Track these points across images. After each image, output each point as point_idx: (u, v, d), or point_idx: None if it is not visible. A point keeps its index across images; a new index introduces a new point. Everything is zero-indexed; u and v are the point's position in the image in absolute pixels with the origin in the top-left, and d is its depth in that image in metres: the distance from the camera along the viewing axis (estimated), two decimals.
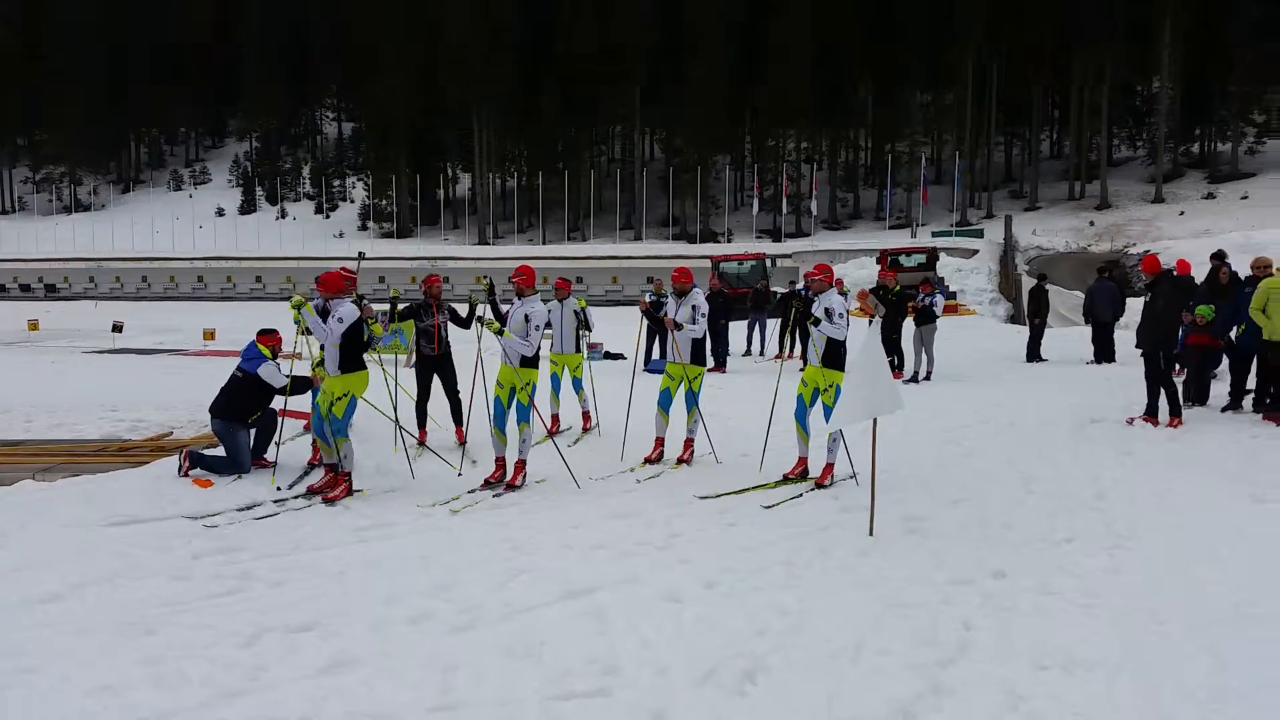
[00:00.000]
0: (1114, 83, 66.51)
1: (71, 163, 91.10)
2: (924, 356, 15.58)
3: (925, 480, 8.36)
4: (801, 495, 7.98)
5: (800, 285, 17.73)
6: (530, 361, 8.57)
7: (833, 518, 7.20)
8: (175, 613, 5.06)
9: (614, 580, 5.61)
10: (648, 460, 9.33)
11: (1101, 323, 17.22)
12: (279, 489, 8.12)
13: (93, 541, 6.30)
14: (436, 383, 10.12)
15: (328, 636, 4.75)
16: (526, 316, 8.48)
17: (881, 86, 73.38)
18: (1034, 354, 18.20)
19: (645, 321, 17.83)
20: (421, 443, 9.92)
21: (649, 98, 72.16)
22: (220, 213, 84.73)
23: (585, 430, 10.95)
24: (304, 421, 10.76)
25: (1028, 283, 36.86)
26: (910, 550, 6.32)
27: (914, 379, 15.43)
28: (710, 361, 17.85)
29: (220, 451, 8.49)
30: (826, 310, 8.44)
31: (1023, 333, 24.39)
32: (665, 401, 9.46)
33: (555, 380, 10.94)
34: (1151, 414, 10.43)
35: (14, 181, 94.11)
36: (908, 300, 16.26)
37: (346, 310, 7.96)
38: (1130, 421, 10.45)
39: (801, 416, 8.69)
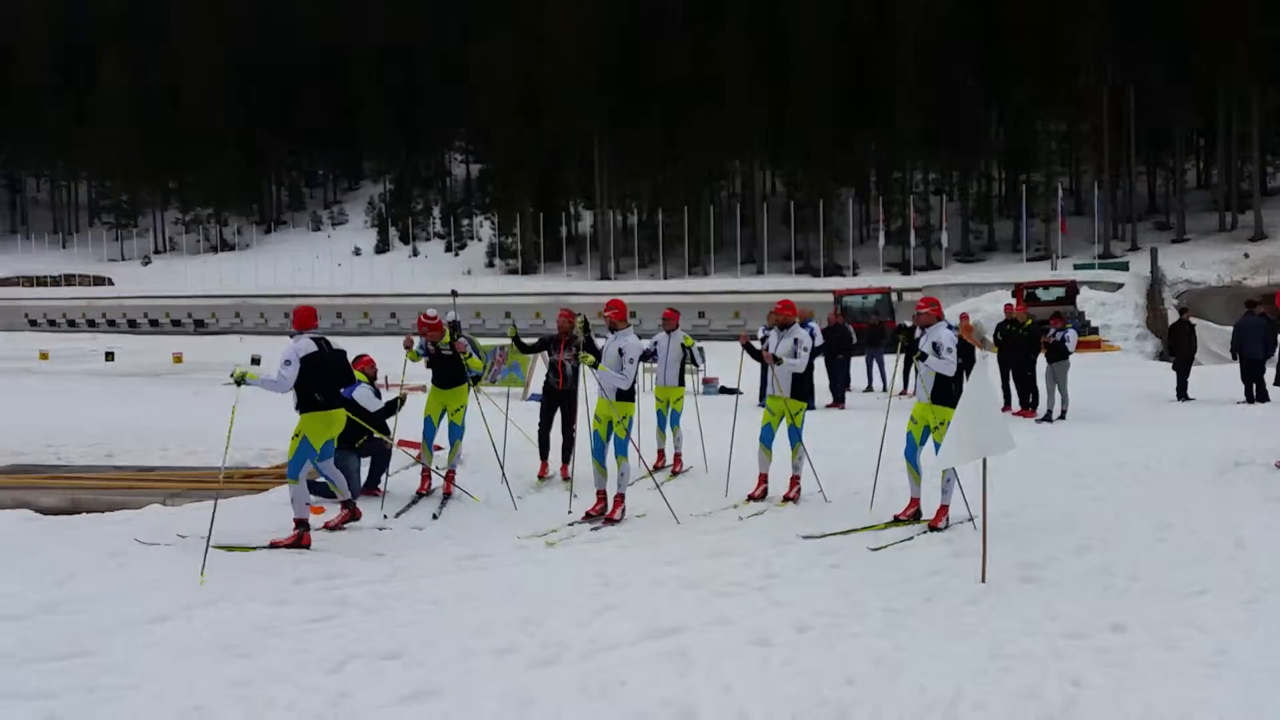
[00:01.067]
0: (1264, 108, 62.62)
1: (218, 205, 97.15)
2: (1058, 395, 14.82)
3: (1049, 526, 7.88)
4: (913, 538, 7.65)
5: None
6: (626, 395, 8.55)
7: (944, 563, 6.86)
8: (270, 636, 5.18)
9: (702, 621, 5.46)
10: (751, 498, 9.14)
11: (1251, 360, 16.05)
12: (385, 517, 8.30)
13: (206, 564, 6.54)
14: None
15: (412, 666, 4.77)
16: (620, 350, 8.48)
17: (1012, 114, 71.26)
18: (1182, 393, 17.09)
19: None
20: (542, 476, 9.98)
21: (768, 131, 72.12)
22: (357, 252, 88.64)
23: (675, 472, 10.61)
24: (416, 452, 11.04)
25: (1173, 318, 34.90)
26: (1024, 600, 5.94)
27: (1048, 418, 14.68)
28: (829, 397, 17.54)
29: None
30: (934, 345, 8.08)
31: (1161, 370, 23.11)
32: (767, 438, 9.28)
33: (660, 416, 10.84)
34: None
35: (165, 223, 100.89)
36: (1039, 335, 15.54)
37: (290, 350, 7.43)
38: (1279, 464, 9.64)
39: (912, 455, 8.37)
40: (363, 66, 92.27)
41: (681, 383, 10.92)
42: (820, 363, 17.72)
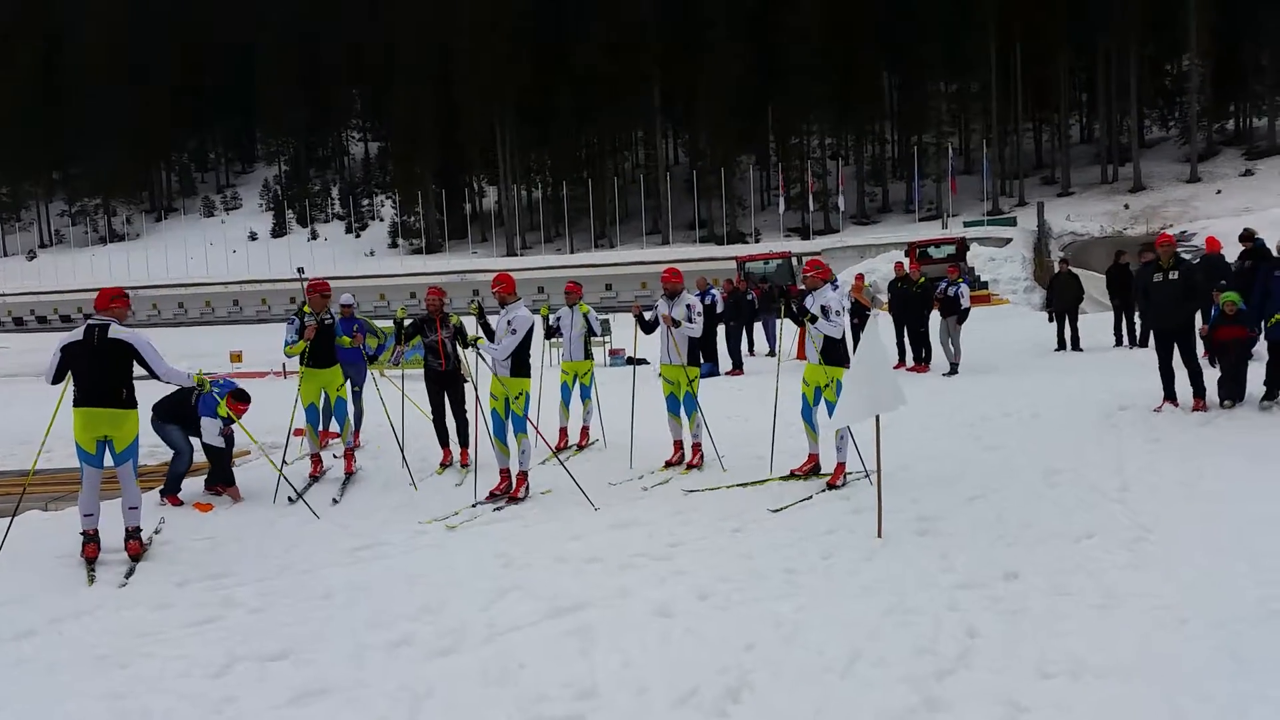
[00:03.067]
0: (1142, 60, 65.15)
1: (105, 194, 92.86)
2: (951, 349, 15.11)
3: (942, 477, 8.04)
4: (812, 497, 7.73)
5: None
6: (520, 370, 8.39)
7: (840, 520, 6.94)
8: (149, 643, 4.93)
9: (605, 595, 5.40)
10: (668, 464, 9.16)
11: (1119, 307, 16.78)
12: (289, 500, 8.06)
13: (80, 574, 6.20)
14: None
15: (301, 665, 4.59)
16: (509, 322, 8.28)
17: (903, 77, 72.71)
18: (1062, 342, 17.64)
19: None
20: (444, 464, 9.75)
21: (668, 100, 72.13)
22: (253, 237, 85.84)
23: (581, 446, 10.50)
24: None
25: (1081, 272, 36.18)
26: (919, 552, 6.04)
27: (954, 371, 14.95)
28: (728, 364, 17.65)
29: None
30: (823, 308, 8.27)
31: (1042, 321, 23.91)
32: (673, 406, 9.28)
33: (565, 390, 10.72)
34: (1170, 398, 10.04)
35: (51, 215, 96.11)
36: (933, 293, 15.86)
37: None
38: (1158, 409, 10.04)
39: (808, 414, 8.56)
40: (263, 36, 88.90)
41: (588, 355, 10.81)
42: (720, 330, 17.86)
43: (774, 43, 68.96)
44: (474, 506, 7.91)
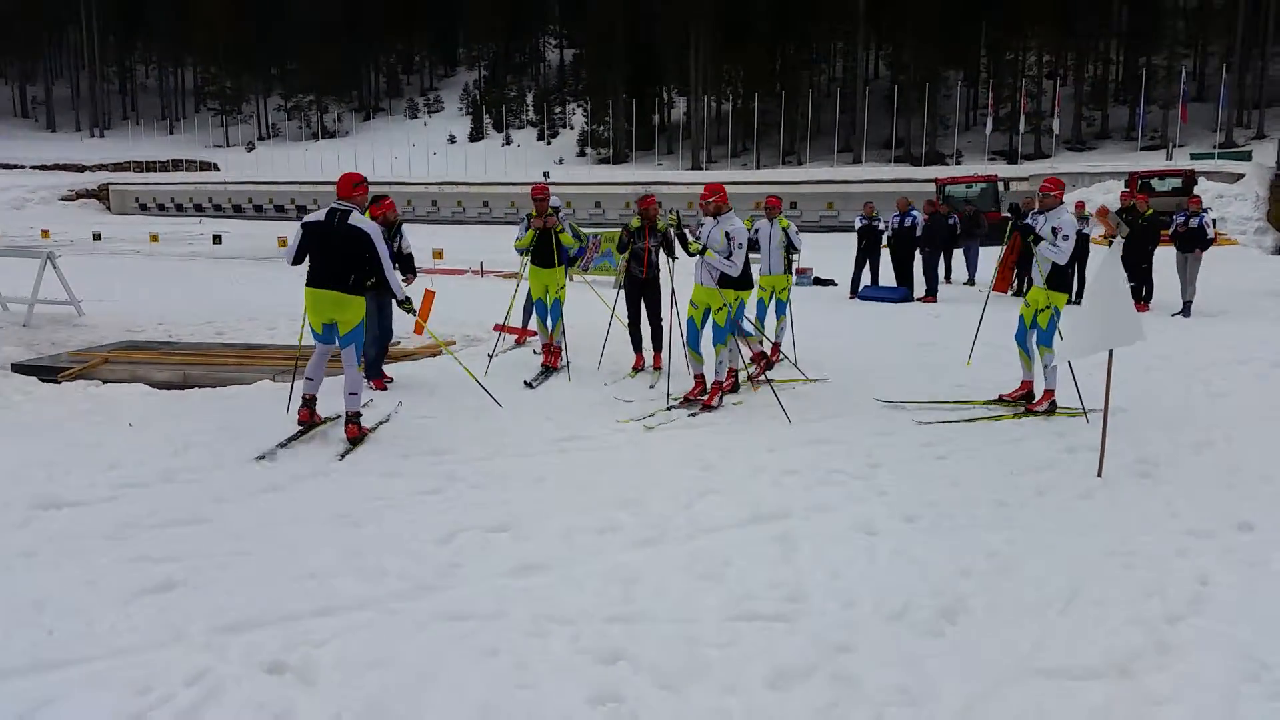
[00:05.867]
0: None
1: (319, 91, 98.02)
2: (1187, 288, 13.92)
3: (1167, 421, 7.54)
4: (1021, 422, 7.50)
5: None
6: (733, 282, 8.36)
7: (1056, 457, 6.64)
8: (382, 507, 5.31)
9: (805, 508, 5.40)
10: (687, 398, 8.41)
11: None
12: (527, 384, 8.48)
13: (314, 438, 6.73)
14: None
15: (519, 540, 4.85)
16: (728, 234, 8.19)
17: None
18: None
19: (857, 246, 17.31)
20: (637, 368, 9.96)
21: (874, 8, 68.79)
22: (452, 140, 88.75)
23: (774, 361, 10.25)
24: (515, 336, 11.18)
25: None
26: (1142, 495, 5.71)
27: (1185, 312, 13.84)
28: (921, 289, 17.02)
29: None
30: (1054, 229, 7.89)
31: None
32: (694, 339, 8.46)
33: (761, 305, 10.64)
34: None
35: (269, 110, 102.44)
36: (1160, 225, 14.67)
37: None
38: None
39: (1022, 338, 8.24)
40: None
41: (788, 270, 10.68)
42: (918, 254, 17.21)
43: None
44: (669, 410, 8.03)
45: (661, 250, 9.32)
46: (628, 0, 74.35)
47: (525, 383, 9.09)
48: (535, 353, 10.59)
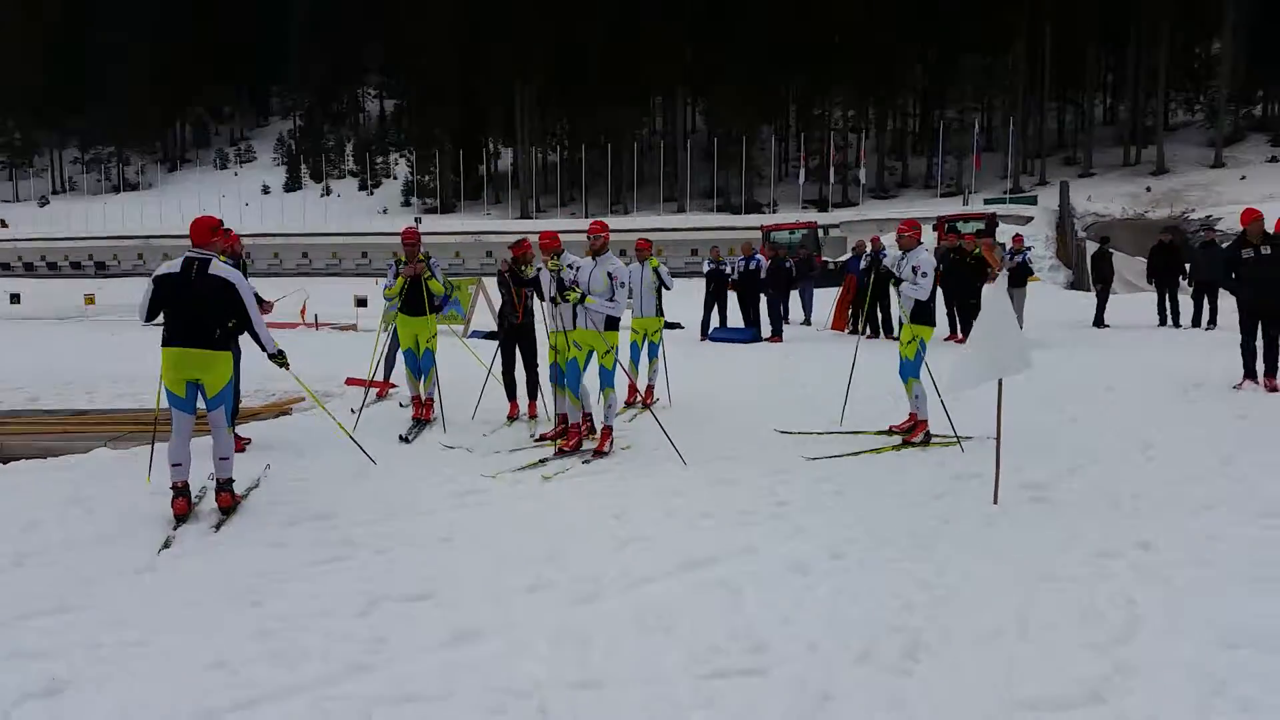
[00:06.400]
0: (1172, 42, 64.33)
1: (119, 143, 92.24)
2: (1018, 319, 14.91)
3: (1035, 447, 7.87)
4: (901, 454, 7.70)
5: (869, 250, 17.21)
6: (613, 324, 8.25)
7: (946, 485, 6.82)
8: (278, 581, 4.81)
9: (732, 550, 5.27)
10: (549, 436, 8.64)
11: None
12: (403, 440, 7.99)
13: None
14: None
15: (445, 607, 4.47)
16: (610, 275, 8.09)
17: (930, 52, 71.70)
18: (1100, 320, 17.59)
19: (706, 289, 17.61)
20: (512, 417, 9.64)
21: (690, 69, 71.27)
22: (266, 190, 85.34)
23: (646, 405, 10.16)
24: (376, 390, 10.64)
25: (1091, 248, 35.91)
26: (1041, 520, 5.90)
27: None
28: (767, 330, 17.48)
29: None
30: (914, 268, 8.39)
31: (1086, 299, 23.78)
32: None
33: (634, 348, 10.58)
34: (1250, 376, 9.90)
35: (64, 162, 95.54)
36: (985, 264, 15.66)
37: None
38: (1239, 386, 9.88)
39: (905, 374, 8.46)
40: None
41: (660, 313, 10.66)
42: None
43: (800, 13, 67.86)
44: (561, 459, 7.78)
45: (535, 295, 9.14)
46: (451, 55, 73.88)
47: (400, 437, 8.63)
48: (402, 405, 10.10)
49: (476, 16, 73.08)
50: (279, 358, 6.61)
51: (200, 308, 6.05)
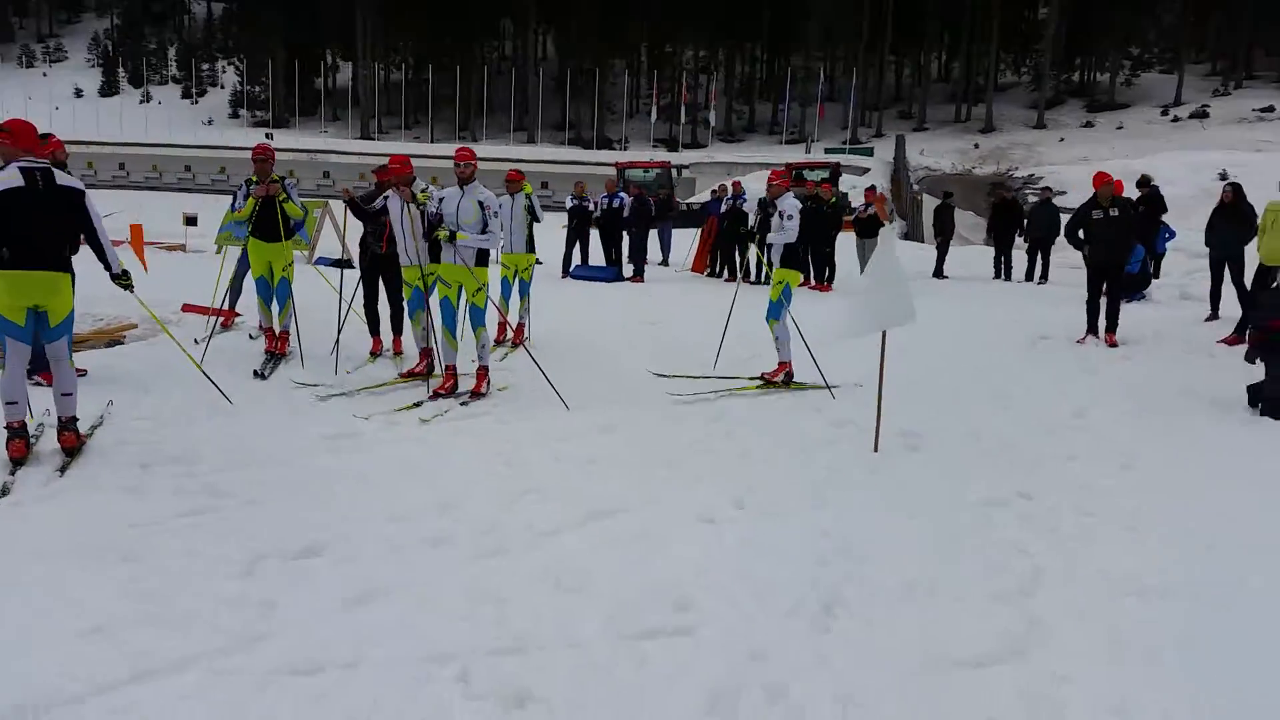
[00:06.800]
0: (1004, 7, 67.47)
1: None
2: (865, 269, 15.33)
3: (898, 395, 7.98)
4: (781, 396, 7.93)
5: (730, 193, 17.26)
6: (483, 259, 7.87)
7: (826, 432, 6.90)
8: (148, 536, 4.34)
9: (634, 501, 5.14)
10: (412, 372, 8.21)
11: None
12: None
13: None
14: None
15: (340, 563, 4.15)
16: (481, 204, 7.67)
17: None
18: (939, 271, 18.34)
19: (568, 225, 17.26)
20: (375, 353, 9.11)
21: None
22: (79, 94, 77.96)
23: (517, 344, 9.83)
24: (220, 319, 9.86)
25: (930, 202, 37.49)
26: (921, 468, 6.05)
27: None
28: (629, 270, 17.36)
29: None
30: (781, 213, 8.57)
31: (923, 249, 24.80)
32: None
33: (505, 284, 10.22)
34: (1093, 331, 10.51)
35: None
36: (842, 213, 16.01)
37: None
38: (1081, 340, 10.48)
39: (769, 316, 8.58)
40: None
41: (531, 249, 10.30)
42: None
43: None
44: (434, 400, 7.42)
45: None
46: None
47: (255, 372, 8.01)
48: (252, 337, 9.41)
49: None
50: (123, 278, 5.98)
51: (49, 224, 5.35)
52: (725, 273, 17.53)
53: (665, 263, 20.15)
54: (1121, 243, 10.17)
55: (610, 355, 9.73)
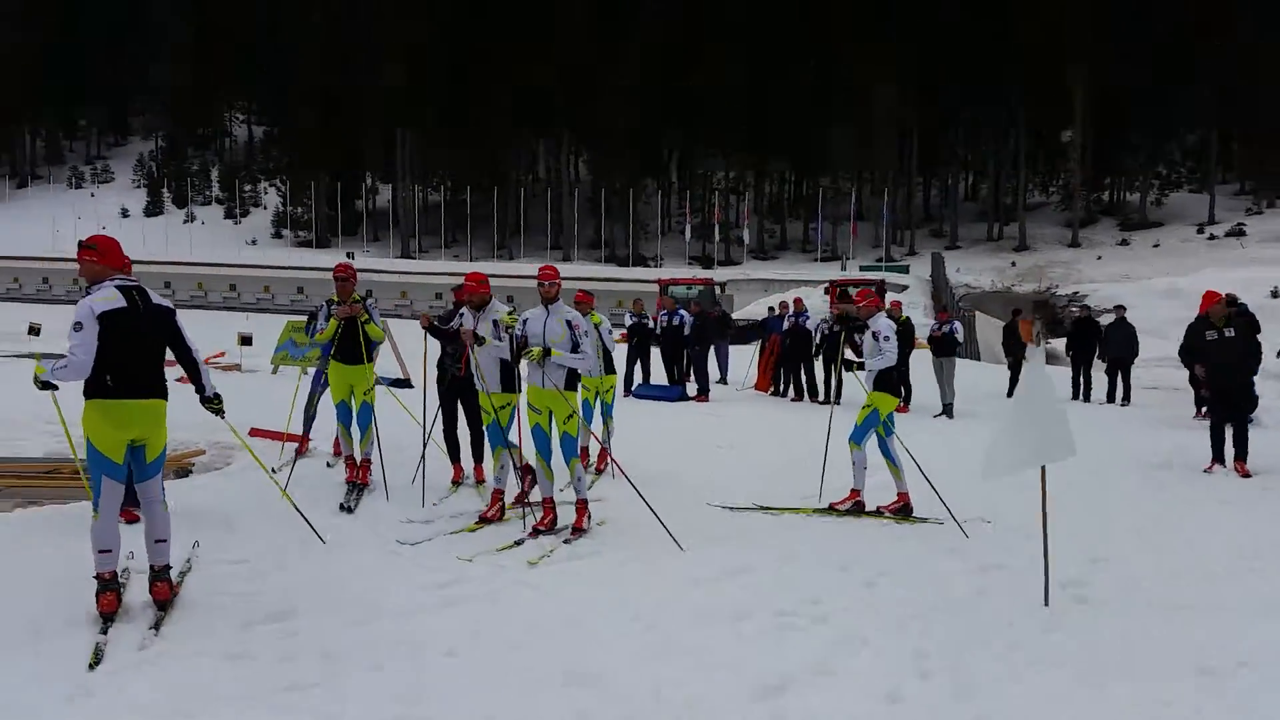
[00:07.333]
0: (1029, 129, 68.54)
1: None
2: (946, 390, 14.79)
3: (1026, 534, 7.37)
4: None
5: (791, 309, 16.89)
6: (573, 383, 7.39)
7: (972, 580, 6.20)
8: (246, 712, 3.72)
9: (798, 669, 4.45)
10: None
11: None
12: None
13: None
14: None
15: None
16: (569, 323, 7.23)
17: (805, 120, 73.87)
18: (1013, 391, 17.69)
19: (629, 344, 16.88)
20: (456, 481, 8.58)
21: (574, 121, 71.27)
22: (125, 214, 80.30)
23: (599, 470, 9.40)
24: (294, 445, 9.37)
25: (980, 320, 37.16)
26: (1095, 626, 5.30)
27: (947, 413, 14.59)
28: (693, 389, 16.88)
29: None
30: (875, 333, 8.23)
31: (984, 368, 24.25)
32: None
33: (586, 407, 9.71)
34: (1219, 459, 9.81)
35: None
36: (913, 333, 15.54)
37: (83, 308, 4.80)
38: (1209, 469, 9.76)
39: (886, 449, 8.16)
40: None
41: (611, 369, 9.85)
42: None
43: (680, 78, 68.77)
44: (539, 539, 6.81)
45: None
46: (326, 83, 71.60)
47: (341, 505, 7.47)
48: (330, 465, 8.93)
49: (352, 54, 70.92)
50: (215, 402, 5.51)
51: (148, 347, 4.95)
52: (791, 392, 17.02)
53: (724, 380, 19.64)
54: (1241, 364, 9.57)
55: (698, 484, 9.08)
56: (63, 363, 4.72)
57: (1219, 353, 9.50)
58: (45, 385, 4.84)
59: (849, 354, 9.44)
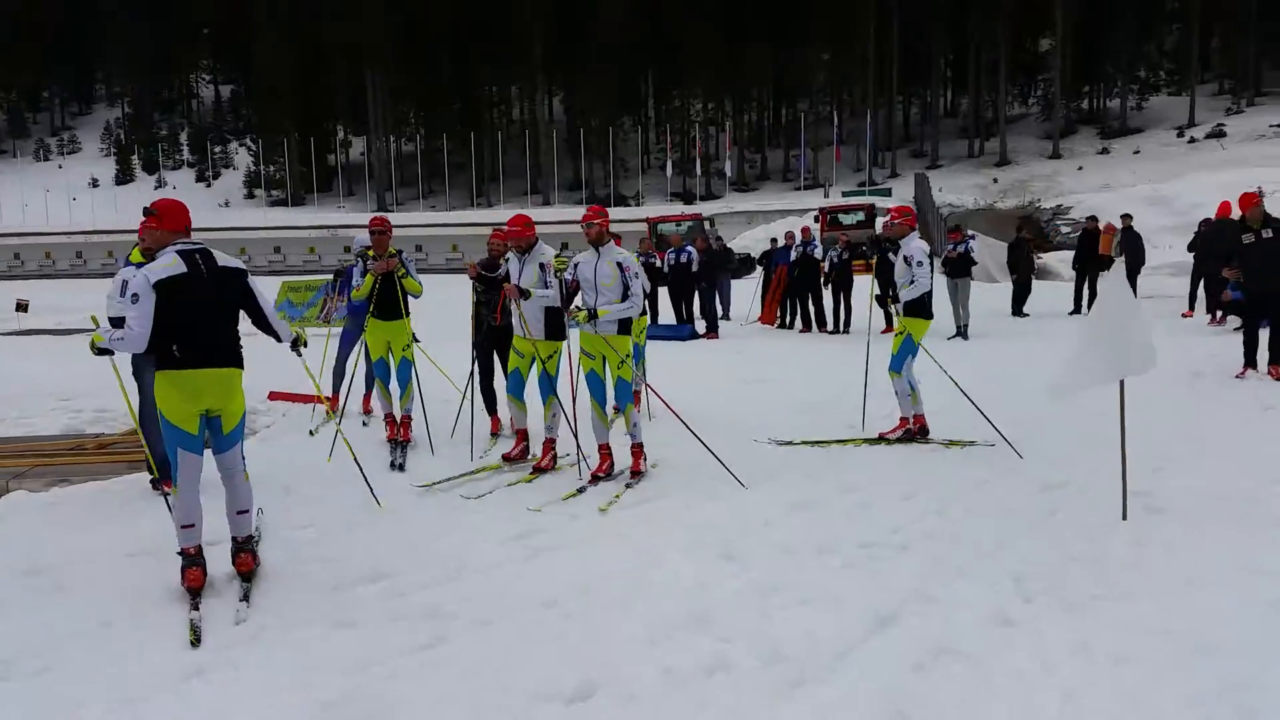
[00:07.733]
0: (1008, 40, 67.68)
1: None
2: (961, 311, 14.68)
3: (1077, 449, 7.39)
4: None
5: (799, 240, 16.69)
6: (625, 327, 7.25)
7: (1041, 500, 6.17)
8: (377, 680, 3.65)
9: (903, 597, 4.42)
10: (506, 458, 7.44)
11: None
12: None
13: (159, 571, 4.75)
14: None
15: (624, 703, 3.45)
16: (620, 264, 7.03)
17: (783, 46, 72.82)
18: (1018, 310, 17.62)
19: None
20: (495, 433, 8.47)
21: (550, 58, 70.04)
22: (94, 183, 78.74)
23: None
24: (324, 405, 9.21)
25: (981, 240, 36.94)
26: (1179, 536, 5.29)
27: (961, 335, 14.51)
28: (701, 326, 16.76)
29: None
30: (907, 257, 7.99)
31: (983, 288, 24.14)
32: (516, 388, 7.55)
33: (637, 350, 9.61)
34: (1252, 365, 9.79)
35: None
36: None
37: (138, 279, 4.57)
38: (1241, 375, 9.75)
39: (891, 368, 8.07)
40: None
41: (644, 310, 9.68)
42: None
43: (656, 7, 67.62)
44: (595, 484, 6.74)
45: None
46: (294, 38, 69.91)
47: (391, 464, 7.35)
48: (365, 423, 8.79)
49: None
50: (298, 344, 5.46)
51: (217, 313, 4.72)
52: (799, 323, 16.93)
53: (726, 316, 19.50)
54: (1277, 266, 9.45)
55: (736, 421, 8.96)
56: (119, 333, 4.56)
57: (1257, 256, 9.39)
58: (101, 351, 4.70)
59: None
